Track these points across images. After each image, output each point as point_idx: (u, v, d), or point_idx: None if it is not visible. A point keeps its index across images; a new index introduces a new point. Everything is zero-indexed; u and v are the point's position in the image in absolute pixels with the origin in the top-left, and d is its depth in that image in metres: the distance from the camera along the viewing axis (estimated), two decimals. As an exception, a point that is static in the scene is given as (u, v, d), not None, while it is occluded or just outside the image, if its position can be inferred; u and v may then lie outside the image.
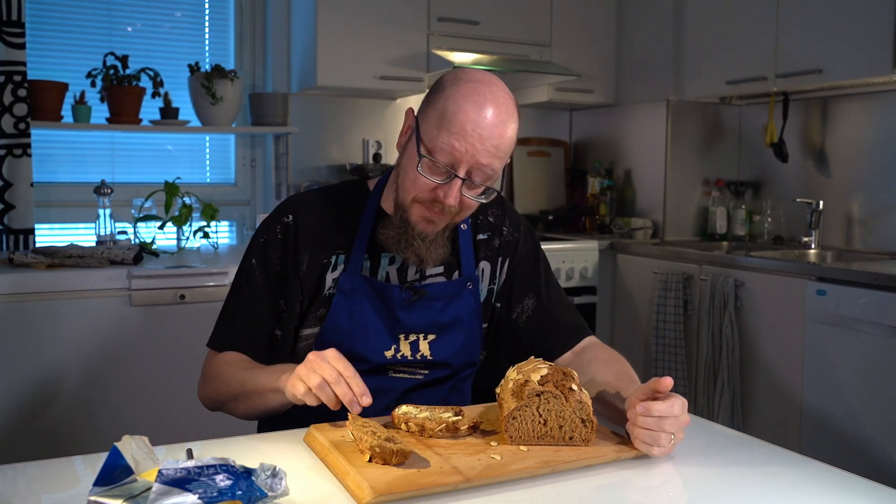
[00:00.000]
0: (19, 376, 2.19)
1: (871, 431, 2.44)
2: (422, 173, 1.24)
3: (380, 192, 1.39)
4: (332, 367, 1.09)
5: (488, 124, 1.21)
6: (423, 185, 1.25)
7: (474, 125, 1.20)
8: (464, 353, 1.39)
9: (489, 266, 1.42)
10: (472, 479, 0.95)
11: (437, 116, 1.23)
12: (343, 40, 3.08)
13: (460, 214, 1.30)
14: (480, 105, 1.21)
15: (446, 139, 1.21)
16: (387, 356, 1.34)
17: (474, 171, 1.23)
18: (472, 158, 1.21)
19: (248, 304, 1.35)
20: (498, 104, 1.22)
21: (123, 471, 0.84)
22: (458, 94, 1.22)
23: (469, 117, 1.20)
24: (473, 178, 1.23)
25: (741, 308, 2.88)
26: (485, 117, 1.21)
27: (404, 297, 1.34)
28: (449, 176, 1.23)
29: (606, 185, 3.73)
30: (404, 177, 1.29)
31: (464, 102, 1.21)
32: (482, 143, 1.21)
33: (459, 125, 1.20)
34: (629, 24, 3.66)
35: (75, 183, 3.04)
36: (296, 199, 1.41)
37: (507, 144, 1.25)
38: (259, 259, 1.36)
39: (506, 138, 1.24)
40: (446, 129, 1.21)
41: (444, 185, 1.24)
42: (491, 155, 1.22)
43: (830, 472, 1.05)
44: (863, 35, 2.72)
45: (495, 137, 1.22)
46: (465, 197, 1.25)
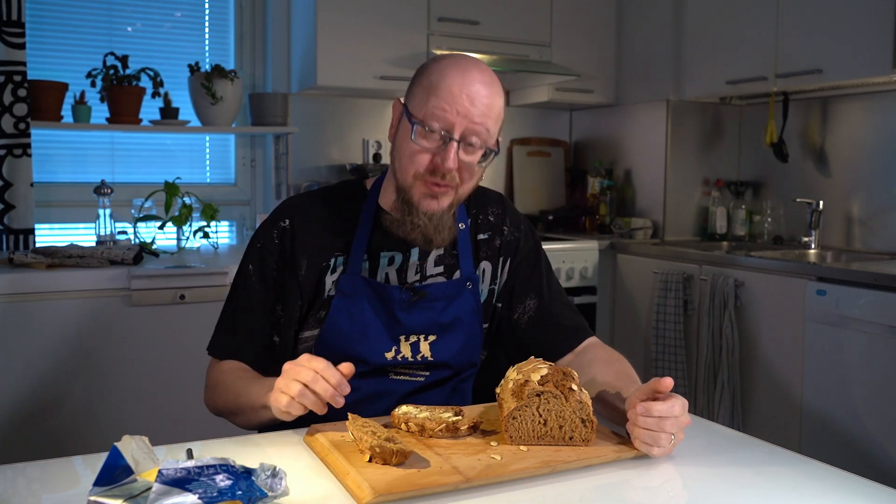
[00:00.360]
0: (19, 376, 2.19)
1: (872, 431, 2.44)
2: (417, 143, 1.24)
3: (377, 191, 1.38)
4: (307, 367, 1.08)
5: (475, 85, 1.23)
6: (421, 157, 1.24)
7: (461, 87, 1.22)
8: (464, 353, 1.38)
9: (490, 266, 1.42)
10: (471, 479, 0.95)
11: (424, 90, 1.25)
12: (343, 40, 3.07)
13: (464, 186, 1.28)
14: (464, 69, 1.24)
15: (436, 104, 1.22)
16: (387, 357, 1.33)
17: (469, 133, 1.23)
18: (464, 119, 1.22)
19: (245, 310, 1.35)
20: (481, 69, 1.26)
21: (123, 471, 0.84)
22: (441, 66, 1.26)
23: (455, 80, 1.23)
24: (469, 140, 1.24)
25: (741, 308, 2.88)
26: (471, 79, 1.23)
27: (404, 297, 1.33)
28: (444, 141, 1.23)
29: (606, 185, 3.73)
30: (400, 157, 1.28)
31: (448, 70, 1.24)
32: (472, 102, 1.22)
33: (447, 89, 1.22)
34: (629, 24, 3.67)
35: (75, 183, 3.04)
36: (292, 202, 1.39)
37: (497, 106, 1.26)
38: (256, 265, 1.35)
39: (495, 100, 1.26)
40: (434, 96, 1.23)
41: (441, 152, 1.23)
42: (483, 114, 1.23)
43: (830, 472, 1.05)
44: (863, 35, 2.72)
45: (485, 97, 1.23)
46: (464, 162, 1.25)
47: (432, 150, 1.24)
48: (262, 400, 1.17)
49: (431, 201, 1.27)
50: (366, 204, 1.37)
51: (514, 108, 3.91)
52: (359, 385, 1.30)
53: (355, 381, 1.30)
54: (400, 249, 1.35)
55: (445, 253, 1.37)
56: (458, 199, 1.31)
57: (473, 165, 1.27)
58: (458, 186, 1.28)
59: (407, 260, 1.35)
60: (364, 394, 1.31)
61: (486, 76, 1.26)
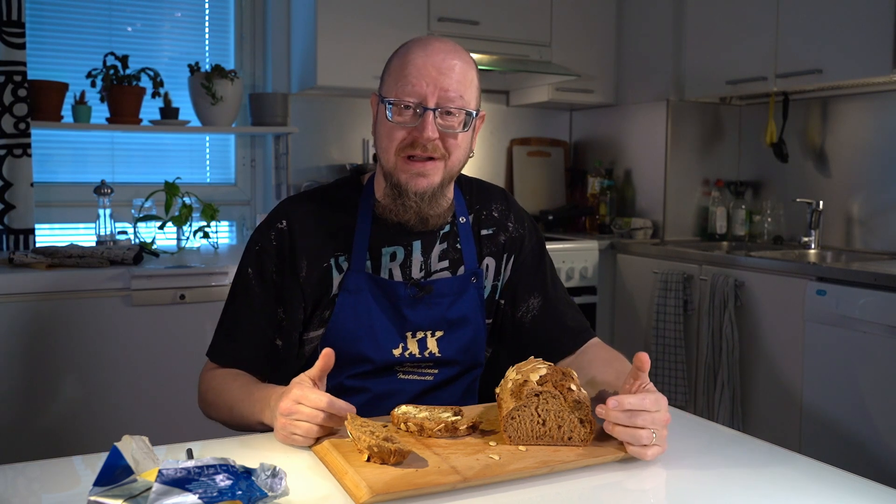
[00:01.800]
0: (19, 376, 2.19)
1: (872, 431, 2.44)
2: (393, 120, 1.24)
3: (373, 185, 1.37)
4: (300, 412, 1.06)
5: (439, 55, 1.24)
6: (398, 132, 1.25)
7: (425, 59, 1.24)
8: (471, 349, 1.37)
9: (494, 262, 1.41)
10: (469, 479, 0.95)
11: (392, 73, 1.27)
12: (343, 40, 3.08)
13: (452, 156, 1.27)
14: (426, 44, 1.27)
15: (405, 81, 1.23)
16: (395, 354, 1.32)
17: (443, 101, 1.23)
18: (435, 87, 1.23)
19: (246, 314, 1.33)
20: (443, 41, 1.28)
21: (123, 471, 0.84)
22: (405, 48, 1.28)
23: (419, 55, 1.25)
24: (444, 106, 1.23)
25: (741, 308, 2.88)
26: (434, 49, 1.25)
27: (410, 293, 1.32)
28: (420, 113, 1.23)
29: (606, 185, 3.73)
30: (380, 140, 1.29)
31: (410, 48, 1.27)
32: (439, 71, 1.23)
33: (412, 64, 1.24)
34: (629, 24, 3.67)
35: (75, 183, 3.04)
36: (289, 203, 1.38)
37: (468, 73, 1.26)
38: (255, 268, 1.34)
39: (464, 67, 1.26)
40: (402, 75, 1.24)
41: (418, 125, 1.23)
42: (453, 81, 1.24)
43: (830, 472, 1.05)
44: (863, 35, 2.72)
45: (451, 66, 1.24)
46: (444, 130, 1.25)
47: (409, 124, 1.24)
48: (258, 416, 1.18)
49: (420, 179, 1.26)
50: (363, 199, 1.36)
51: (514, 108, 3.91)
52: (367, 385, 1.30)
53: (364, 382, 1.30)
54: (401, 243, 1.34)
55: (449, 248, 1.36)
56: (449, 174, 1.29)
57: (456, 132, 1.26)
58: (445, 159, 1.27)
59: (410, 255, 1.34)
60: (373, 394, 1.30)
61: (449, 46, 1.27)
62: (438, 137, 1.24)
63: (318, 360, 1.10)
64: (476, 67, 1.30)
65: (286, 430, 1.08)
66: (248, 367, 1.33)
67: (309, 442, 1.08)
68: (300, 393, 1.07)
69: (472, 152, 1.35)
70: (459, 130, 1.26)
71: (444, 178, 1.28)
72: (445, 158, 1.27)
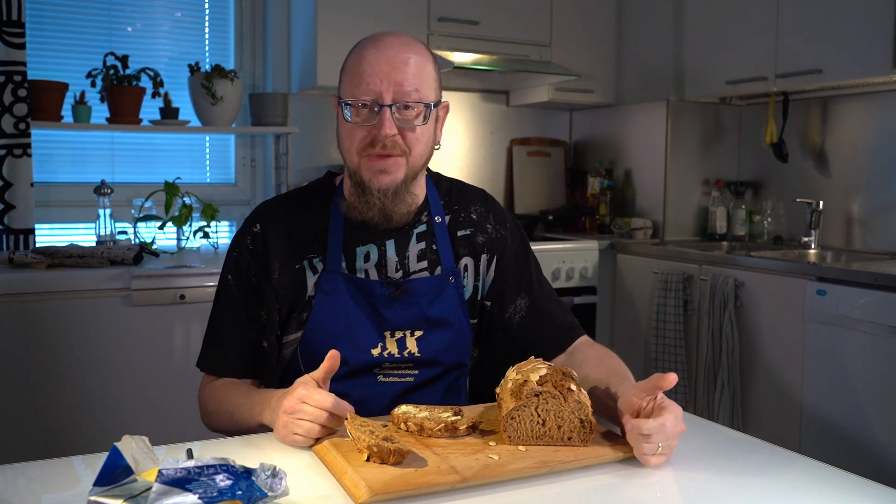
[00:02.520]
0: (19, 376, 2.19)
1: (872, 431, 2.44)
2: (351, 121, 1.25)
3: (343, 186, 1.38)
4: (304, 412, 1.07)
5: (391, 50, 1.24)
6: (358, 132, 1.25)
7: (376, 55, 1.24)
8: (453, 349, 1.37)
9: (472, 262, 1.40)
10: (469, 479, 0.95)
11: (347, 74, 1.28)
12: (343, 40, 3.05)
13: (413, 151, 1.27)
14: (377, 40, 1.26)
15: (359, 79, 1.24)
16: (373, 354, 1.31)
17: (399, 96, 1.23)
18: (389, 83, 1.22)
19: (231, 322, 1.34)
20: (397, 35, 1.27)
21: (123, 471, 0.84)
22: (357, 47, 1.28)
23: (370, 52, 1.24)
24: (401, 100, 1.23)
25: (741, 308, 2.88)
26: (385, 44, 1.25)
27: (386, 292, 1.32)
28: (376, 111, 1.24)
29: (606, 185, 3.73)
30: (342, 141, 1.29)
31: (362, 46, 1.27)
32: (392, 66, 1.23)
33: (365, 62, 1.24)
34: (629, 24, 3.67)
35: (75, 183, 3.04)
36: (263, 207, 1.39)
37: (421, 64, 1.26)
38: (234, 274, 1.35)
39: (417, 57, 1.25)
40: (356, 73, 1.24)
41: (376, 123, 1.24)
42: (410, 75, 1.23)
43: (830, 472, 1.05)
44: (863, 35, 2.72)
45: (404, 60, 1.24)
46: (403, 126, 1.25)
47: (368, 122, 1.24)
48: (258, 419, 1.18)
49: (382, 176, 1.26)
50: (335, 200, 1.36)
51: (514, 108, 3.91)
52: (347, 389, 1.29)
53: (343, 385, 1.29)
54: (374, 242, 1.34)
55: (427, 248, 1.36)
56: (412, 170, 1.29)
57: (415, 126, 1.26)
58: (407, 155, 1.27)
59: (384, 254, 1.34)
60: (354, 399, 1.29)
61: (403, 39, 1.26)
62: (397, 133, 1.24)
63: (324, 361, 1.11)
64: (433, 59, 1.30)
65: (287, 429, 1.08)
66: (238, 373, 1.33)
67: (309, 442, 1.08)
68: (305, 392, 1.08)
69: (439, 144, 1.35)
70: (419, 124, 1.26)
71: (407, 175, 1.29)
72: (407, 154, 1.27)
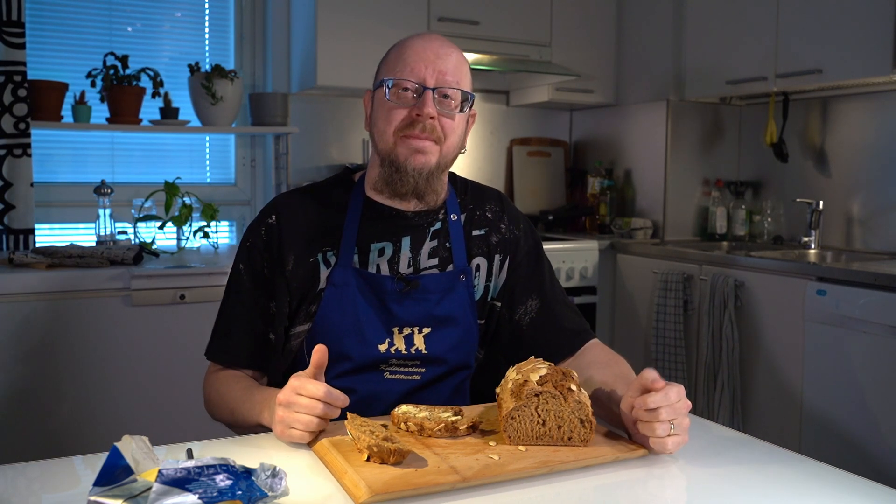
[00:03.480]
0: (19, 376, 2.19)
1: (872, 431, 2.44)
2: (393, 101, 1.29)
3: (364, 182, 1.39)
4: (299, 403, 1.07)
5: (436, 42, 1.31)
6: (398, 112, 1.29)
7: (423, 47, 1.30)
8: (460, 348, 1.37)
9: (485, 262, 1.41)
10: (469, 479, 0.95)
11: (390, 61, 1.33)
12: (343, 40, 3.08)
13: (448, 139, 1.31)
14: (423, 35, 1.34)
15: (403, 63, 1.29)
16: (380, 350, 1.32)
17: (441, 84, 1.28)
18: (434, 71, 1.28)
19: (240, 312, 1.35)
20: (441, 36, 1.34)
21: (123, 471, 0.84)
22: (399, 43, 1.34)
23: (417, 44, 1.31)
24: (443, 90, 1.28)
25: (741, 308, 2.88)
26: (431, 39, 1.32)
27: (396, 288, 1.32)
28: (419, 93, 1.28)
29: (606, 185, 3.73)
30: (378, 122, 1.33)
31: (406, 42, 1.33)
32: (437, 56, 1.29)
33: (411, 52, 1.30)
34: (629, 24, 3.67)
35: (75, 183, 3.04)
36: (280, 198, 1.40)
37: (463, 63, 1.33)
38: (246, 264, 1.36)
39: (459, 56, 1.33)
40: (401, 60, 1.30)
41: (417, 105, 1.28)
42: (451, 67, 1.30)
43: (830, 472, 1.05)
44: (863, 35, 2.72)
45: (449, 54, 1.30)
46: (443, 112, 1.29)
47: (409, 104, 1.28)
48: (256, 419, 1.19)
49: (418, 156, 1.29)
50: (354, 195, 1.37)
51: (514, 108, 3.91)
52: (353, 385, 1.29)
53: (349, 381, 1.30)
54: (390, 239, 1.35)
55: (439, 246, 1.37)
56: (444, 159, 1.33)
57: (453, 115, 1.30)
58: (441, 142, 1.30)
59: (398, 250, 1.35)
60: (359, 395, 1.30)
61: (445, 39, 1.34)
62: (437, 116, 1.28)
63: (312, 356, 1.11)
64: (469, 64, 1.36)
65: (284, 423, 1.08)
66: (244, 363, 1.34)
67: (307, 437, 1.08)
68: (297, 383, 1.08)
69: (465, 148, 1.38)
70: (456, 112, 1.31)
71: (439, 162, 1.32)
72: (441, 142, 1.30)
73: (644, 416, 1.04)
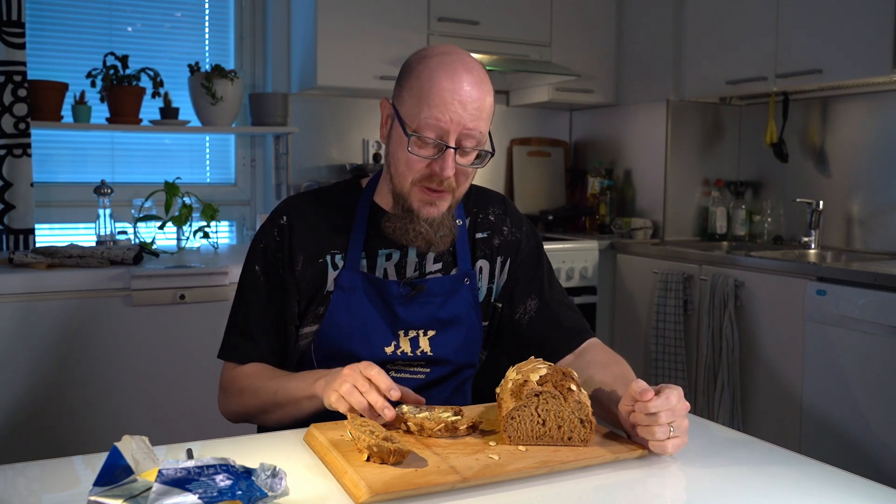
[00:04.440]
0: (19, 376, 2.19)
1: (872, 431, 2.44)
2: (413, 153, 1.25)
3: (373, 189, 1.40)
4: (363, 375, 1.11)
5: (466, 89, 1.23)
6: (418, 165, 1.26)
7: (451, 93, 1.22)
8: (465, 350, 1.39)
9: (488, 265, 1.43)
10: (469, 479, 0.95)
11: (414, 96, 1.25)
12: (343, 40, 3.08)
13: (460, 188, 1.31)
14: (453, 73, 1.24)
15: (428, 114, 1.23)
16: (387, 352, 1.34)
17: (463, 138, 1.25)
18: (458, 126, 1.23)
19: (259, 313, 1.36)
20: (470, 70, 1.25)
21: (123, 471, 0.84)
22: (429, 70, 1.25)
23: (445, 87, 1.23)
24: (464, 145, 1.25)
25: (741, 308, 2.88)
26: (461, 84, 1.23)
27: (402, 292, 1.34)
28: (440, 149, 1.25)
29: (606, 185, 3.73)
30: (396, 163, 1.29)
31: (436, 75, 1.24)
32: (464, 108, 1.23)
33: (438, 97, 1.22)
34: (629, 24, 3.67)
35: (75, 183, 3.04)
36: (290, 201, 1.42)
37: (488, 105, 1.27)
38: (261, 265, 1.37)
39: (486, 100, 1.26)
40: (426, 104, 1.23)
41: (437, 160, 1.25)
42: (475, 118, 1.24)
43: (830, 472, 1.05)
44: (863, 35, 2.72)
45: (476, 100, 1.24)
46: (459, 167, 1.27)
47: (428, 157, 1.25)
48: (308, 391, 1.20)
49: (430, 208, 1.29)
50: (362, 202, 1.39)
51: (514, 108, 3.91)
52: None
53: None
54: (398, 247, 1.37)
55: (444, 250, 1.38)
56: (455, 202, 1.33)
57: (468, 169, 1.29)
58: (454, 190, 1.30)
59: (405, 256, 1.37)
60: None
61: (476, 76, 1.26)
62: (454, 175, 1.27)
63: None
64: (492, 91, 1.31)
65: (338, 383, 1.12)
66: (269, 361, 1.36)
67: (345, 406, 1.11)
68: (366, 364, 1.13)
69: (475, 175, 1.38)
70: (474, 166, 1.29)
71: (450, 206, 1.32)
72: (454, 191, 1.30)
73: (643, 421, 1.05)
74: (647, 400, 1.04)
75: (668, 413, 1.04)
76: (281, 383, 1.26)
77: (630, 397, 1.08)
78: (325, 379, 1.17)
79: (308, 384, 1.20)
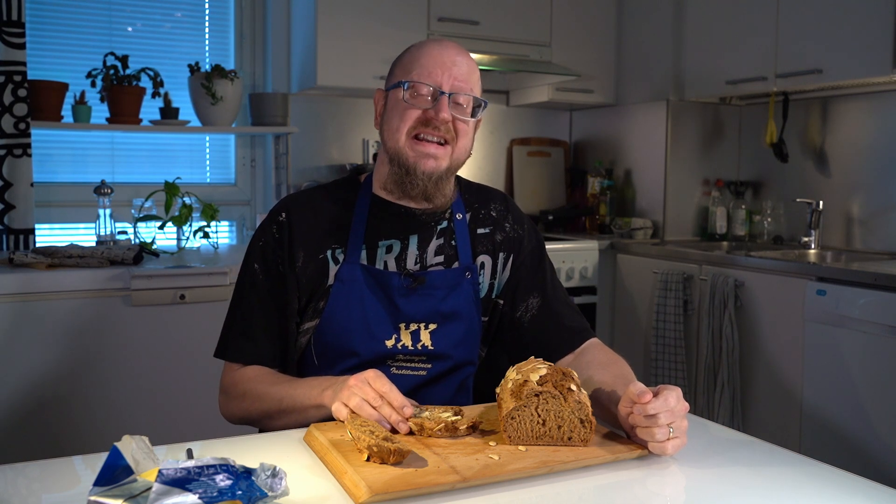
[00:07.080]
0: (19, 376, 2.19)
1: (872, 431, 2.44)
2: (409, 102, 1.31)
3: (371, 182, 1.41)
4: (373, 388, 1.11)
5: (453, 51, 1.34)
6: (412, 112, 1.31)
7: (439, 53, 1.33)
8: (465, 344, 1.39)
9: (489, 260, 1.43)
10: (469, 479, 0.95)
11: (406, 64, 1.35)
12: (343, 40, 3.08)
13: (458, 143, 1.34)
14: (438, 42, 1.37)
15: (421, 67, 1.32)
16: (387, 346, 1.33)
17: (456, 90, 1.32)
18: (449, 77, 1.31)
19: (259, 312, 1.35)
20: (457, 46, 1.37)
21: (123, 471, 0.84)
22: (415, 47, 1.37)
23: (433, 49, 1.34)
24: (457, 97, 1.31)
25: (741, 308, 2.88)
26: (447, 46, 1.35)
27: (403, 284, 1.34)
28: (435, 97, 1.31)
29: (606, 185, 3.73)
30: (391, 121, 1.34)
31: (423, 46, 1.36)
32: (454, 63, 1.32)
33: (428, 54, 1.33)
34: (629, 24, 3.67)
35: (75, 183, 3.04)
36: (289, 198, 1.42)
37: (475, 70, 1.36)
38: (261, 263, 1.37)
39: (472, 63, 1.36)
40: (418, 63, 1.33)
41: (433, 108, 1.31)
42: (466, 77, 1.33)
43: (830, 472, 1.05)
44: (863, 35, 2.72)
45: (465, 64, 1.34)
46: (457, 117, 1.32)
47: (424, 106, 1.31)
48: (315, 400, 1.18)
49: (429, 160, 1.32)
50: (361, 195, 1.40)
51: (514, 108, 3.91)
52: None
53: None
54: (398, 237, 1.37)
55: (445, 244, 1.39)
56: (455, 162, 1.35)
57: (466, 120, 1.33)
58: (453, 143, 1.33)
59: (406, 248, 1.37)
60: None
61: (464, 52, 1.36)
62: (451, 119, 1.31)
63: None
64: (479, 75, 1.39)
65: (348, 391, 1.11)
66: (270, 362, 1.34)
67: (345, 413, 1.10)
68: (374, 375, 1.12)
69: (471, 152, 1.40)
70: (468, 116, 1.34)
71: (449, 165, 1.35)
72: (453, 143, 1.33)
73: (643, 422, 1.05)
74: (646, 402, 1.04)
75: (667, 414, 1.04)
76: (286, 390, 1.24)
77: (629, 399, 1.07)
78: (333, 389, 1.15)
79: (316, 393, 1.18)
